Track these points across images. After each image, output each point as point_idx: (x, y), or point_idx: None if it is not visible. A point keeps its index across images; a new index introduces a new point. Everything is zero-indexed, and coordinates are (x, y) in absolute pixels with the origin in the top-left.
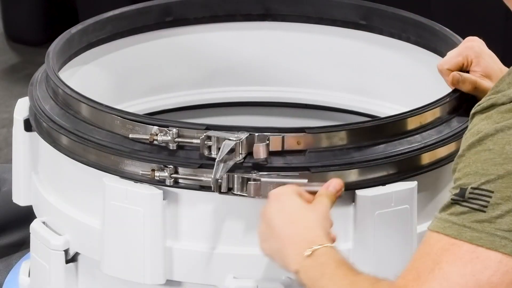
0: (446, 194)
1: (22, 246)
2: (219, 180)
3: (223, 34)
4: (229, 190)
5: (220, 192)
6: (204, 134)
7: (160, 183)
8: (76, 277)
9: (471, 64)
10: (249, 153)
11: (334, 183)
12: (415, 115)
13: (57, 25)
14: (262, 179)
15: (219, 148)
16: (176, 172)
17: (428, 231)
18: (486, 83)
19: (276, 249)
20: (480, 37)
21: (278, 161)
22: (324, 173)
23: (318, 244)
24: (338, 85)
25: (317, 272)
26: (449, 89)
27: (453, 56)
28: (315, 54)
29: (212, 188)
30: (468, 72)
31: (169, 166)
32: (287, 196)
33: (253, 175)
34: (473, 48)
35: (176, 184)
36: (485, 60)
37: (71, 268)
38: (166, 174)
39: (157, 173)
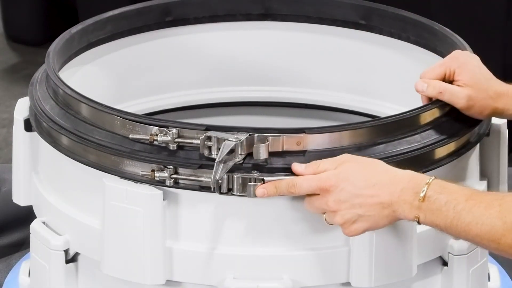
0: None
1: (22, 246)
2: (219, 181)
3: (223, 34)
4: (229, 191)
5: (220, 193)
6: (204, 134)
7: (160, 183)
8: (76, 277)
9: (453, 74)
10: (249, 154)
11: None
12: (415, 115)
13: (57, 25)
14: (266, 178)
15: (219, 149)
16: (176, 172)
17: None
18: (465, 91)
19: (374, 205)
20: (480, 37)
21: (278, 162)
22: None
23: (424, 184)
24: (338, 85)
25: (446, 213)
26: None
27: (435, 67)
28: (315, 54)
29: (212, 189)
30: (451, 82)
31: (168, 167)
32: (350, 158)
33: (253, 175)
34: (457, 58)
35: (176, 184)
36: (470, 69)
37: (71, 268)
38: (166, 174)
39: (157, 174)
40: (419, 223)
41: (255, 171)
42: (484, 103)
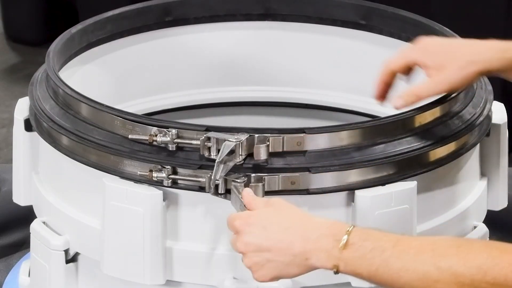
0: (446, 194)
1: (22, 246)
2: (215, 181)
3: (223, 34)
4: (227, 192)
5: (217, 194)
6: (204, 135)
7: (159, 183)
8: (76, 277)
9: (417, 64)
10: (249, 154)
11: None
12: (415, 115)
13: (57, 25)
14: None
15: (219, 150)
16: (176, 173)
17: None
18: (436, 78)
19: (284, 251)
20: (480, 37)
21: (278, 162)
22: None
23: (346, 230)
24: (338, 85)
25: (370, 261)
26: None
27: (397, 60)
28: (315, 54)
29: (208, 189)
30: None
31: (166, 167)
32: (276, 203)
33: (238, 181)
34: (418, 45)
35: (175, 184)
36: (434, 52)
37: (71, 268)
38: (163, 175)
39: (154, 174)
40: (336, 273)
41: (242, 177)
42: (464, 73)
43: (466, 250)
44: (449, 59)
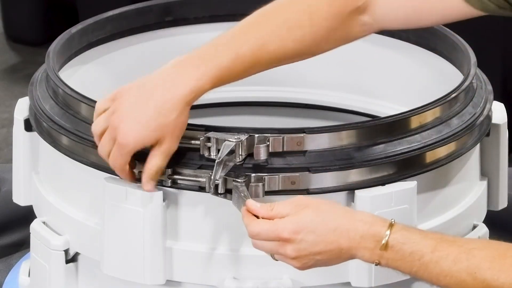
0: (446, 194)
1: (22, 246)
2: (215, 181)
3: None
4: (227, 192)
5: (217, 194)
6: (204, 135)
7: (159, 183)
8: (76, 277)
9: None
10: (249, 154)
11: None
12: (415, 115)
13: (57, 25)
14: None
15: (219, 150)
16: (176, 173)
17: None
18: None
19: (333, 251)
20: (480, 37)
21: (278, 162)
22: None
23: (385, 231)
24: (338, 85)
25: (410, 263)
26: (449, 89)
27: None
28: None
29: (208, 189)
30: None
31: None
32: (306, 202)
33: (238, 180)
34: None
35: (175, 185)
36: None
37: (71, 268)
38: (163, 175)
39: None
40: (378, 265)
41: (243, 176)
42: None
43: (499, 266)
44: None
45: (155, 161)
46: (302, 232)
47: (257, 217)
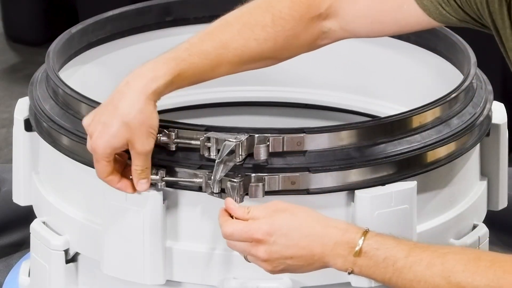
0: (446, 194)
1: (22, 246)
2: (215, 182)
3: None
4: (222, 191)
5: (213, 194)
6: (204, 135)
7: (151, 186)
8: (76, 277)
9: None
10: (249, 154)
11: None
12: (415, 115)
13: (57, 25)
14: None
15: (219, 150)
16: (176, 173)
17: None
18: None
19: (305, 256)
20: (480, 37)
21: (278, 162)
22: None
23: (359, 238)
24: (338, 85)
25: (384, 269)
26: (449, 89)
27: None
28: (315, 54)
29: (203, 189)
30: None
31: (160, 170)
32: (281, 206)
33: (235, 180)
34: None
35: (175, 185)
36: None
37: (71, 268)
38: (157, 177)
39: (152, 176)
40: (351, 273)
41: (239, 176)
42: None
43: (473, 269)
44: None
45: (135, 162)
46: (275, 235)
47: (232, 217)
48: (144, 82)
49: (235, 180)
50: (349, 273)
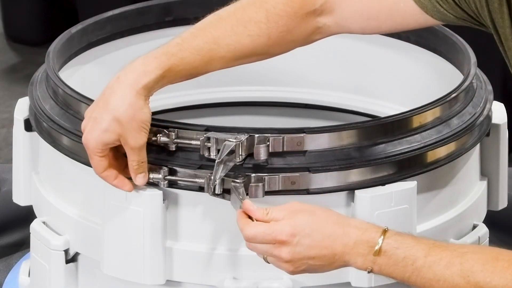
0: (446, 194)
1: (22, 246)
2: (215, 182)
3: None
4: (225, 192)
5: (215, 195)
6: (204, 135)
7: (154, 185)
8: (76, 277)
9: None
10: (249, 154)
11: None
12: (415, 115)
13: (57, 25)
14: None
15: (219, 150)
16: (176, 173)
17: None
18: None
19: (327, 256)
20: (480, 37)
21: (278, 162)
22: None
23: (379, 237)
24: (338, 85)
25: (403, 268)
26: (449, 89)
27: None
28: (315, 54)
29: (205, 190)
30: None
31: (163, 169)
32: (301, 207)
33: (237, 181)
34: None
35: (175, 185)
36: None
37: (71, 268)
38: (160, 176)
39: (151, 175)
40: (370, 272)
41: (241, 177)
42: None
43: (492, 269)
44: None
45: (131, 158)
46: (298, 235)
47: (251, 219)
48: (134, 77)
49: (238, 180)
50: (368, 272)
